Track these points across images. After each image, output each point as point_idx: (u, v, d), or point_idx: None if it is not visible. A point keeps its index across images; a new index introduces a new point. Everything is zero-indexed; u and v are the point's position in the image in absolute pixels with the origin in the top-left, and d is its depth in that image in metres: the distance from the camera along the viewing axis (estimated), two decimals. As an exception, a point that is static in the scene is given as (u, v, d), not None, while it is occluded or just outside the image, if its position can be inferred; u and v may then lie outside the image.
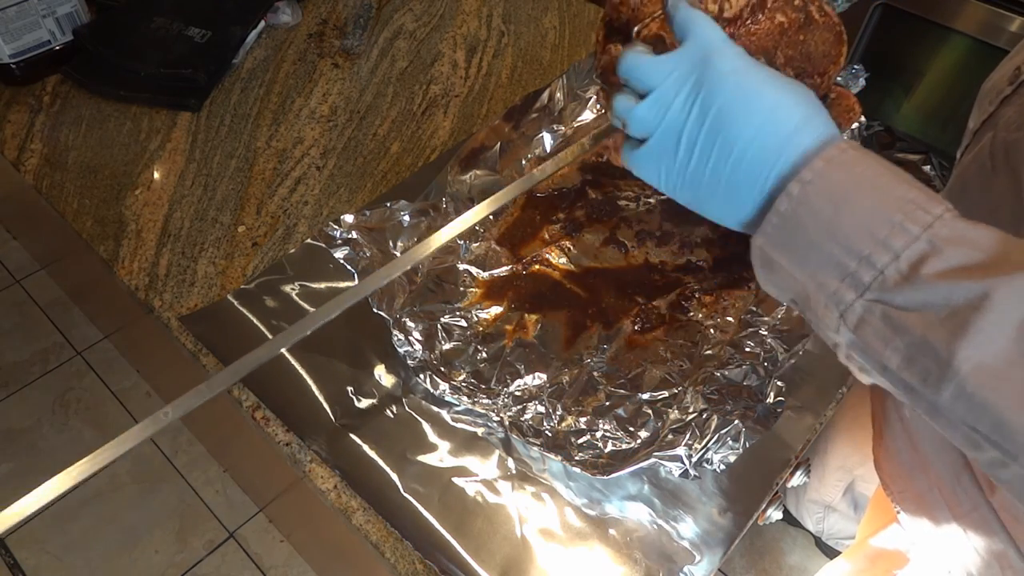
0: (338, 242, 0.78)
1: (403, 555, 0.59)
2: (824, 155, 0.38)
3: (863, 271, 0.36)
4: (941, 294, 0.34)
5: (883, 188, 0.37)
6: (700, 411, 0.64)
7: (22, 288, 1.83)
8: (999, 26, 1.22)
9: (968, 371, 0.33)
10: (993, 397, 0.33)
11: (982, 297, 0.33)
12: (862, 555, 0.78)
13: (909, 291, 0.35)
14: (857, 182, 0.37)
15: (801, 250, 0.38)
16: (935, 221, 0.35)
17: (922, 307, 0.35)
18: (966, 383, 0.34)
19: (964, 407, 0.34)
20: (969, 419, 0.34)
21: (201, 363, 0.70)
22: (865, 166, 0.38)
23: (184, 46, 0.99)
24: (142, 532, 1.45)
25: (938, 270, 0.34)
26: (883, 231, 0.36)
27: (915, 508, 0.67)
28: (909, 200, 0.36)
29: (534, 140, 0.86)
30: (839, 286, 0.37)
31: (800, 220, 0.38)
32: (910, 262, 0.35)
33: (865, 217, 0.36)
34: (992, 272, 0.33)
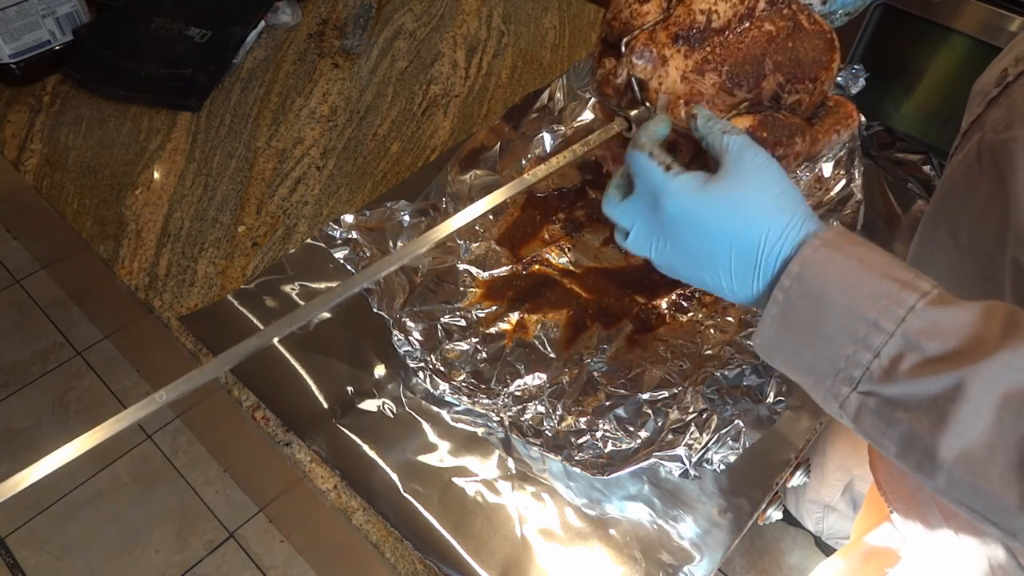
0: (338, 242, 0.78)
1: (403, 555, 0.59)
2: (799, 258, 0.40)
3: (851, 368, 0.38)
4: (920, 388, 0.36)
5: (857, 285, 0.38)
6: (700, 411, 0.64)
7: (22, 288, 1.83)
8: (999, 26, 1.22)
9: (953, 460, 0.35)
10: (980, 482, 0.35)
11: (956, 388, 0.34)
12: (856, 553, 0.78)
13: (892, 386, 0.37)
14: (832, 282, 0.39)
15: (795, 349, 0.41)
16: (907, 314, 0.36)
17: (906, 401, 0.36)
18: (953, 471, 0.35)
19: (958, 491, 0.36)
20: (966, 501, 0.36)
21: (201, 363, 0.70)
22: (838, 262, 0.39)
23: (184, 46, 0.99)
24: (142, 532, 1.45)
25: (914, 363, 0.36)
26: (861, 330, 0.37)
27: (907, 508, 0.67)
28: (881, 294, 0.37)
29: (534, 140, 0.86)
30: (833, 381, 0.39)
31: (788, 322, 0.40)
32: (889, 358, 0.37)
33: (843, 317, 0.38)
34: (965, 360, 0.35)
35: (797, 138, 0.51)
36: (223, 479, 1.52)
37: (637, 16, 0.57)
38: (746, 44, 0.50)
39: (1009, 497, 0.34)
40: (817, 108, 0.55)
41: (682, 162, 0.60)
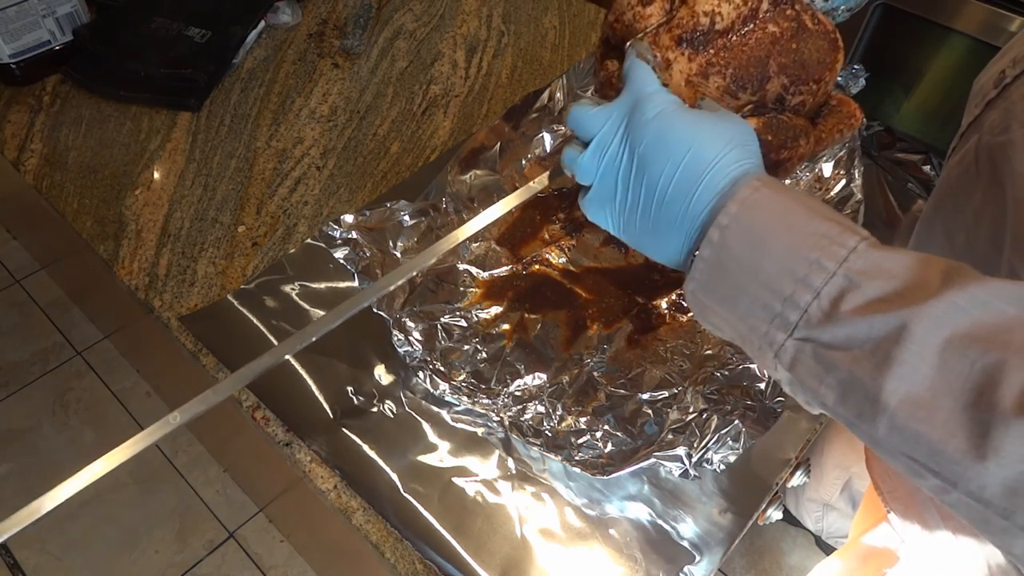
0: (338, 242, 0.78)
1: (403, 555, 0.59)
2: (737, 197, 0.39)
3: (788, 311, 0.37)
4: (862, 329, 0.34)
5: (797, 225, 0.37)
6: (700, 411, 0.64)
7: (22, 288, 1.83)
8: (999, 26, 1.22)
9: (896, 404, 0.34)
10: (924, 428, 0.33)
11: (900, 328, 0.33)
12: (854, 553, 0.78)
13: (833, 328, 0.35)
14: (772, 221, 0.38)
15: (729, 294, 0.39)
16: (850, 254, 0.36)
17: (847, 343, 0.35)
18: (896, 416, 0.34)
19: (899, 439, 0.35)
20: (906, 449, 0.35)
21: (201, 363, 0.70)
22: (778, 203, 0.38)
23: (184, 46, 0.99)
24: (142, 532, 1.45)
25: (856, 304, 0.35)
26: (801, 270, 0.36)
27: (904, 509, 0.67)
28: (823, 235, 0.36)
29: (534, 140, 0.86)
30: (768, 327, 0.38)
31: (724, 265, 0.39)
32: (830, 298, 0.35)
33: (783, 257, 0.37)
34: (908, 301, 0.34)
35: (801, 140, 0.51)
36: (223, 479, 1.52)
37: (640, 18, 0.56)
38: (750, 46, 0.50)
39: (953, 442, 0.33)
40: (820, 108, 0.55)
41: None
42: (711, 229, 0.39)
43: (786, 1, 0.50)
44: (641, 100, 0.43)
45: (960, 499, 0.34)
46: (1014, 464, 0.31)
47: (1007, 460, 0.31)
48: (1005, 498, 0.32)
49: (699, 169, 0.40)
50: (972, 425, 0.32)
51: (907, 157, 0.91)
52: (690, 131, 0.41)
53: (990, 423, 0.31)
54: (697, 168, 0.40)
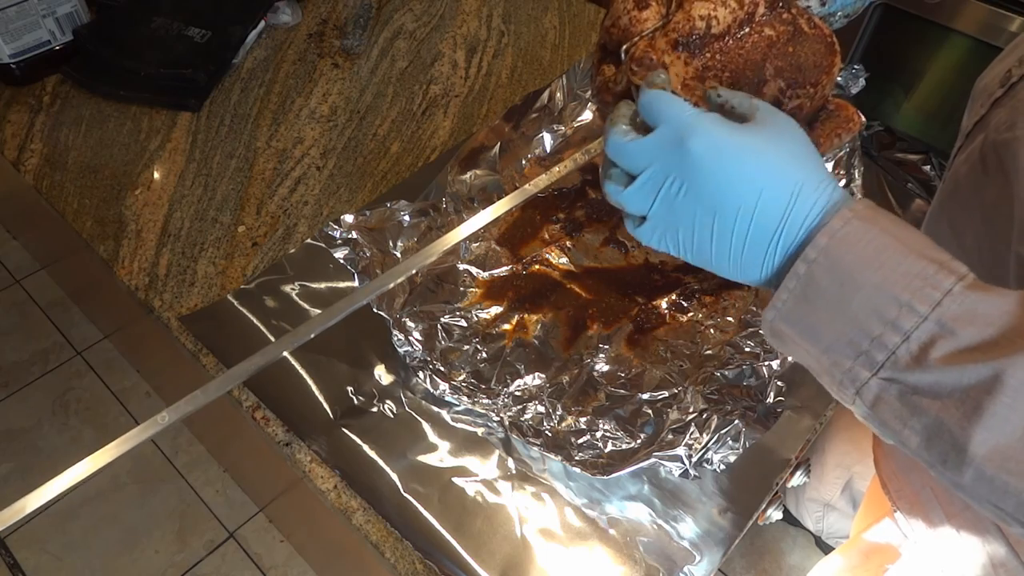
0: (338, 242, 0.78)
1: (403, 555, 0.59)
2: (828, 229, 0.37)
3: (875, 351, 0.35)
4: (952, 377, 0.33)
5: (890, 263, 0.36)
6: (700, 411, 0.64)
7: (22, 288, 1.83)
8: (999, 26, 1.22)
9: (985, 455, 0.33)
10: (1014, 480, 0.33)
11: (993, 379, 0.32)
12: (856, 550, 0.78)
13: (921, 373, 0.34)
14: (863, 257, 0.36)
15: (813, 327, 0.38)
16: (944, 298, 0.34)
17: (935, 389, 0.34)
18: (984, 467, 0.33)
19: (986, 489, 0.34)
20: (993, 500, 0.34)
21: (201, 363, 0.70)
22: (870, 237, 0.36)
23: (184, 46, 0.99)
24: (142, 532, 1.45)
25: (948, 352, 0.34)
26: (892, 312, 0.35)
27: (910, 507, 0.67)
28: (916, 275, 0.35)
29: (534, 140, 0.86)
30: (852, 364, 0.36)
31: (809, 298, 0.37)
32: (920, 344, 0.34)
33: (873, 295, 0.35)
34: (1004, 351, 0.33)
35: None
36: (223, 479, 1.52)
37: (636, 23, 0.57)
38: (746, 50, 0.50)
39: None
40: (818, 112, 0.55)
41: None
42: (798, 262, 0.37)
43: (782, 5, 0.50)
44: (683, 134, 0.39)
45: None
46: None
47: None
48: None
49: (779, 204, 0.38)
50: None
51: (907, 157, 0.91)
52: (756, 162, 0.38)
53: None
54: (777, 204, 0.38)
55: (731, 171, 0.38)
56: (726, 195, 0.39)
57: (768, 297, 0.40)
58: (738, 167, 0.38)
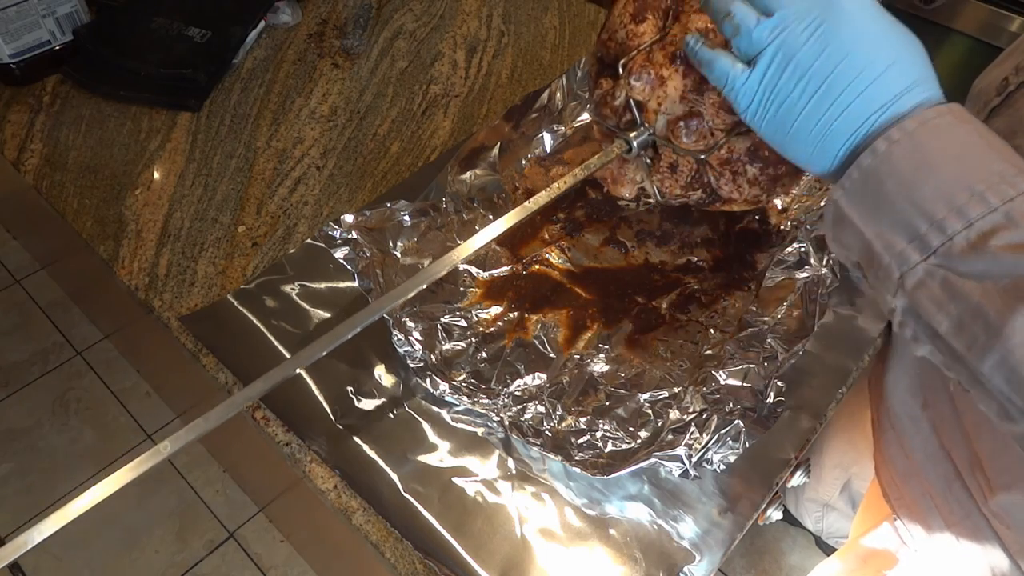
0: (338, 242, 0.78)
1: (403, 555, 0.59)
2: (918, 116, 0.37)
3: (932, 235, 0.36)
4: (1006, 265, 0.34)
5: (972, 157, 0.36)
6: (700, 411, 0.64)
7: (22, 288, 1.83)
8: (999, 26, 1.22)
9: (1016, 343, 0.33)
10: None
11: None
12: (854, 555, 0.78)
13: (974, 259, 0.35)
14: (946, 148, 0.37)
15: (875, 207, 0.38)
16: (1018, 196, 0.35)
17: (983, 276, 0.34)
18: (1011, 354, 0.34)
19: (1004, 378, 0.34)
20: (1007, 390, 0.34)
21: (201, 363, 0.70)
22: (960, 133, 0.37)
23: (184, 46, 0.99)
24: (142, 532, 1.45)
25: (1009, 243, 0.34)
26: (961, 198, 0.35)
27: (910, 514, 0.68)
28: (996, 172, 0.35)
29: (534, 140, 0.86)
30: (906, 247, 0.37)
31: (880, 177, 0.37)
32: (981, 232, 0.35)
33: (946, 182, 0.36)
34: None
35: None
36: (223, 479, 1.52)
37: (633, 36, 0.57)
38: None
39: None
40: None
41: (682, 184, 0.60)
42: (879, 140, 0.38)
43: None
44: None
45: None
46: None
47: None
48: None
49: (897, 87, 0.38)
50: None
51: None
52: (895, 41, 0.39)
53: None
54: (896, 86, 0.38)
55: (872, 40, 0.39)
56: (856, 60, 0.39)
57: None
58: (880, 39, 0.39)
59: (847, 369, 0.70)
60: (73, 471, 1.50)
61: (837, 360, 0.70)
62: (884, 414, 0.68)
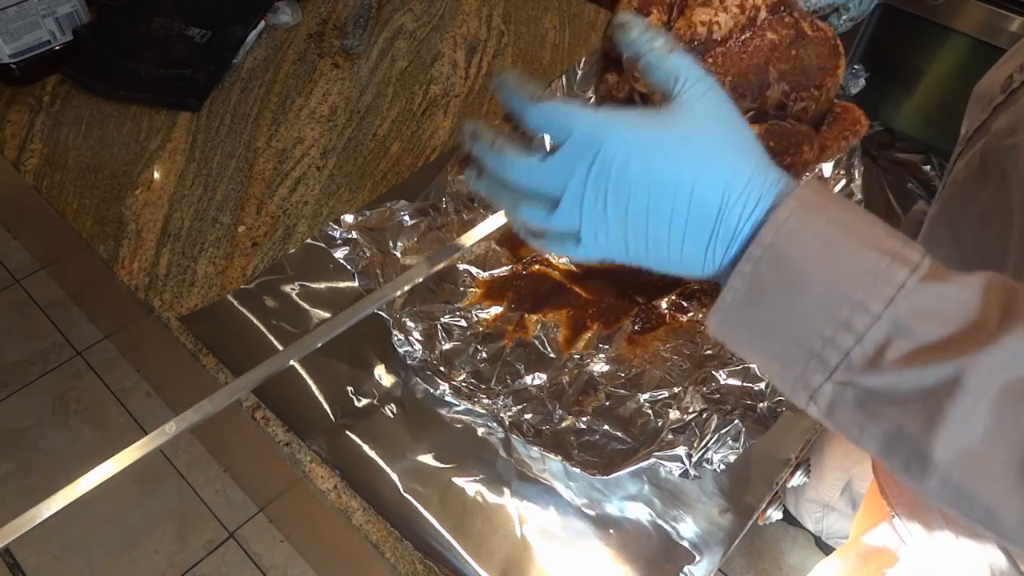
0: (338, 242, 0.78)
1: (403, 555, 0.59)
2: (772, 222, 0.34)
3: (828, 352, 0.33)
4: (911, 379, 0.31)
5: (840, 257, 0.33)
6: (700, 411, 0.64)
7: (22, 288, 1.83)
8: (999, 26, 1.22)
9: (950, 462, 0.31)
10: (979, 487, 0.31)
11: (953, 380, 0.30)
12: (854, 553, 0.78)
13: (878, 376, 0.32)
14: (811, 252, 0.33)
15: (761, 329, 0.35)
16: (897, 294, 0.32)
17: (894, 393, 0.32)
18: (950, 475, 0.32)
19: (952, 496, 0.32)
20: (960, 507, 0.33)
21: (201, 363, 0.70)
22: (817, 229, 0.34)
23: (184, 46, 0.99)
24: (142, 532, 1.45)
25: (904, 352, 0.31)
26: (844, 312, 0.32)
27: (909, 512, 0.67)
28: (868, 270, 0.32)
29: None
30: (804, 369, 0.34)
31: (756, 299, 0.35)
32: (876, 345, 0.32)
33: (824, 294, 0.33)
34: (963, 348, 0.30)
35: (805, 146, 0.51)
36: (223, 479, 1.52)
37: None
38: (748, 54, 0.49)
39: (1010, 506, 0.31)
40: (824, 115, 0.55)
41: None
42: (743, 260, 0.34)
43: (784, 9, 0.50)
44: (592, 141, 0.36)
45: (1017, 550, 0.33)
46: None
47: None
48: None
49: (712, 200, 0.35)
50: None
51: (907, 157, 0.91)
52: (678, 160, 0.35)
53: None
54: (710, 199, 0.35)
55: (651, 176, 0.35)
56: (653, 198, 0.35)
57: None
58: (660, 169, 0.35)
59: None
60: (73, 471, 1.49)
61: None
62: None
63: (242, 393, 0.47)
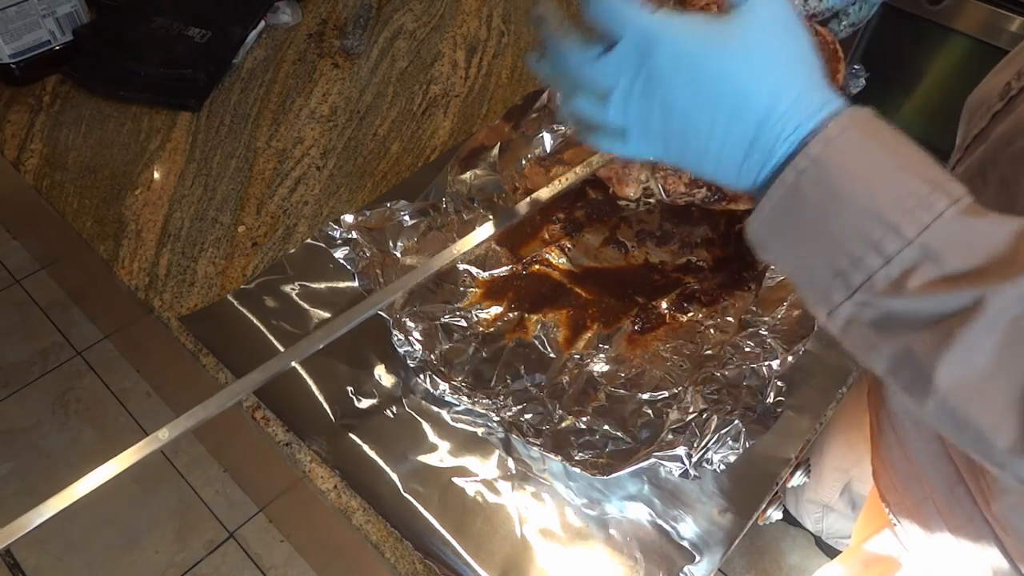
0: (338, 242, 0.78)
1: (403, 555, 0.59)
2: (822, 136, 0.34)
3: (853, 272, 0.34)
4: (930, 304, 0.32)
5: (883, 179, 0.33)
6: (700, 411, 0.64)
7: (22, 288, 1.83)
8: (999, 26, 1.22)
9: (949, 387, 0.32)
10: (974, 414, 0.32)
11: (972, 306, 0.31)
12: (856, 560, 0.78)
13: (898, 298, 0.33)
14: (855, 171, 0.34)
15: (794, 241, 0.36)
16: (934, 222, 0.32)
17: (910, 315, 0.33)
18: (947, 399, 0.32)
19: (947, 421, 0.33)
20: (952, 431, 0.33)
21: (201, 363, 0.70)
22: (865, 149, 0.34)
23: (184, 46, 0.99)
24: (142, 532, 1.45)
25: (929, 279, 0.32)
26: (877, 233, 0.33)
27: (911, 519, 0.67)
28: (909, 194, 0.33)
29: (534, 140, 0.86)
30: (828, 284, 0.35)
31: (794, 211, 0.35)
32: (902, 269, 0.33)
33: (861, 213, 0.33)
34: (988, 279, 0.31)
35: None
36: (223, 479, 1.52)
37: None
38: None
39: (1002, 434, 0.31)
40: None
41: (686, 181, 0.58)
42: (787, 170, 0.35)
43: None
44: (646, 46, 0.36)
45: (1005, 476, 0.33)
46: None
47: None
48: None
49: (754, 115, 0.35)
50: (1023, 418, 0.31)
51: (907, 157, 0.91)
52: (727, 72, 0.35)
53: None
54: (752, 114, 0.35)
55: (698, 82, 0.36)
56: (695, 107, 0.36)
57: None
58: (706, 77, 0.35)
59: (847, 369, 0.70)
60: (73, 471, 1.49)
61: (837, 360, 0.70)
62: (884, 417, 0.68)
63: (237, 398, 0.47)
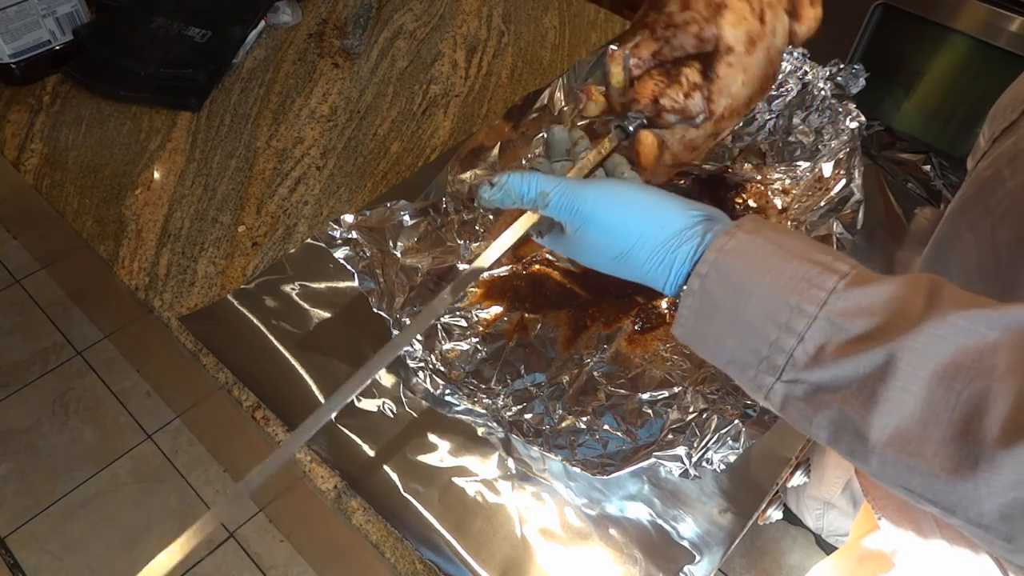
0: (338, 242, 0.77)
1: (403, 555, 0.59)
2: (715, 245, 0.40)
3: (775, 355, 0.37)
4: (848, 368, 0.35)
5: (776, 268, 0.38)
6: (700, 411, 0.64)
7: (22, 288, 1.83)
8: (999, 26, 1.22)
9: (885, 440, 0.34)
10: (914, 461, 0.33)
11: (884, 364, 0.33)
12: (851, 556, 0.78)
13: (820, 370, 0.36)
14: (750, 266, 0.38)
15: (716, 339, 0.40)
16: (829, 296, 0.36)
17: (835, 383, 0.35)
18: (886, 452, 0.34)
19: (893, 472, 0.35)
20: (902, 482, 0.35)
21: (201, 363, 0.70)
22: (754, 246, 0.39)
23: (184, 46, 0.99)
24: (142, 532, 1.45)
25: (840, 344, 0.35)
26: (783, 315, 0.37)
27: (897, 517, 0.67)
28: (801, 277, 0.37)
29: (534, 140, 0.86)
30: (756, 371, 0.38)
31: (707, 313, 0.40)
32: (816, 343, 0.36)
33: (764, 302, 0.37)
34: (891, 335, 0.34)
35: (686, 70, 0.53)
36: (223, 479, 1.52)
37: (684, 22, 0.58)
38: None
39: (944, 473, 0.33)
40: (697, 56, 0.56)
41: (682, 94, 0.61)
42: (691, 278, 0.40)
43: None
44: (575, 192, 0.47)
45: (962, 524, 0.34)
46: (1006, 491, 0.31)
47: (998, 488, 0.31)
48: (1003, 523, 0.32)
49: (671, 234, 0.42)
50: (961, 456, 0.32)
51: (907, 157, 0.91)
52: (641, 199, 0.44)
53: (979, 454, 0.32)
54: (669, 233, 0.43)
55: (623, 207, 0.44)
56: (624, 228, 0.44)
57: None
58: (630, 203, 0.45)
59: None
60: (73, 471, 1.50)
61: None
62: None
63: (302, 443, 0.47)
